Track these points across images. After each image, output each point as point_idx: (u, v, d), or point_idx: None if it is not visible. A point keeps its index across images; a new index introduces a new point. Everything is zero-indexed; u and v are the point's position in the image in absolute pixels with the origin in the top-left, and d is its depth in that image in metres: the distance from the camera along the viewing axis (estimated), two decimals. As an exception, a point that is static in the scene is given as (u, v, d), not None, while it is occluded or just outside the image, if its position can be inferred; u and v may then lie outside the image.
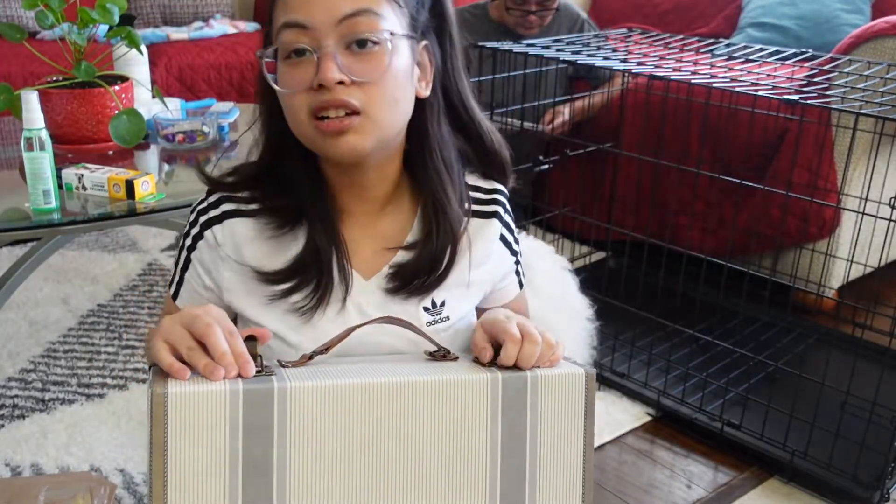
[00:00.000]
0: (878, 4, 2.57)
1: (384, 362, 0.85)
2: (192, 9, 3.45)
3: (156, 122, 1.94)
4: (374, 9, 0.82)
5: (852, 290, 2.27)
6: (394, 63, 0.83)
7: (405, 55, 0.85)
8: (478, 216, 0.97)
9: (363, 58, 0.82)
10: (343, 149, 0.84)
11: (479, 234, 0.96)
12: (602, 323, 2.00)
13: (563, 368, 0.85)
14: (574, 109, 2.55)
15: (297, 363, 0.83)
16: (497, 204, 0.99)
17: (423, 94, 0.90)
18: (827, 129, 2.07)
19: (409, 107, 0.88)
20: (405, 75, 0.85)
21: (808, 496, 1.58)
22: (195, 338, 0.76)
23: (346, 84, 0.82)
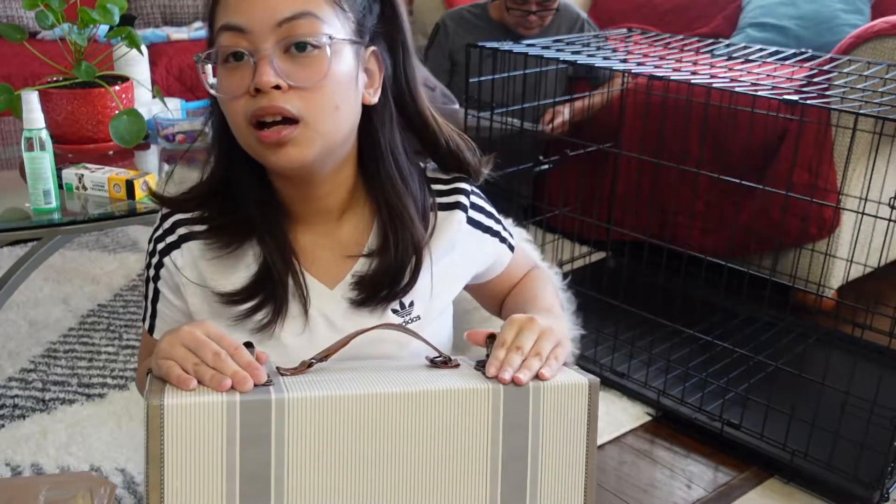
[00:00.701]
0: (878, 4, 2.57)
1: (384, 370, 0.84)
2: (192, 9, 3.45)
3: (156, 122, 1.94)
4: (315, 12, 0.79)
5: (852, 290, 2.27)
6: (334, 68, 0.81)
7: (348, 60, 0.83)
8: (440, 209, 0.95)
9: (302, 62, 0.80)
10: (283, 160, 0.82)
11: (439, 227, 0.94)
12: (602, 323, 2.01)
13: (566, 377, 0.83)
14: (574, 109, 2.55)
15: (295, 371, 0.82)
16: (458, 193, 0.97)
17: (370, 101, 0.87)
18: (827, 130, 2.07)
19: (352, 114, 0.85)
20: (347, 81, 0.83)
21: (808, 496, 1.58)
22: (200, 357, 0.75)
23: (284, 89, 0.79)
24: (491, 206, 1.01)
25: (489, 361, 0.81)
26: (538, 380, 0.81)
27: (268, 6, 0.79)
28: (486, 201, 1.01)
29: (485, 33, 2.62)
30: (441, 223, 0.94)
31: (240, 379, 0.73)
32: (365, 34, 0.86)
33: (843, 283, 2.25)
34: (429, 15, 3.06)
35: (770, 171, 2.17)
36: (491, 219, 1.00)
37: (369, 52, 0.87)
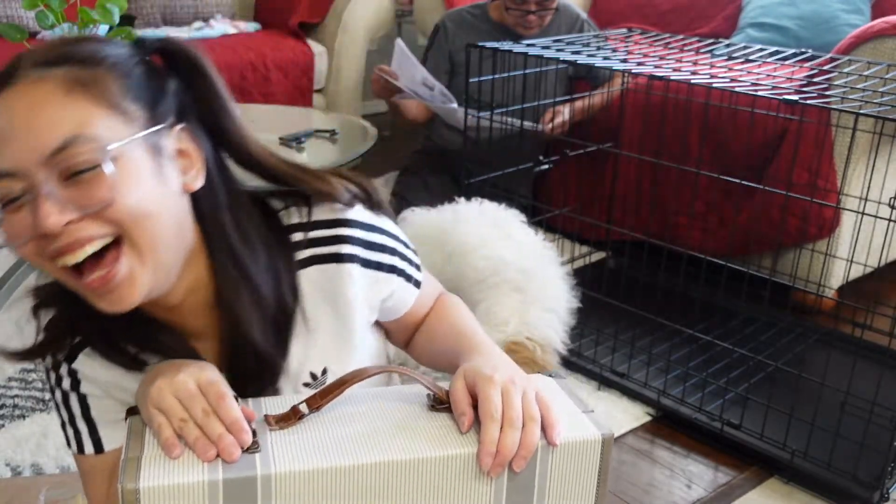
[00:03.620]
0: (878, 4, 2.57)
1: (380, 418, 0.78)
2: (192, 9, 3.46)
3: (156, 122, 1.94)
4: (85, 133, 0.70)
5: (852, 290, 2.27)
6: (125, 178, 0.71)
7: (143, 160, 0.73)
8: (319, 262, 0.85)
9: (86, 185, 0.70)
10: (117, 306, 0.75)
11: (318, 283, 0.85)
12: (602, 323, 2.01)
13: (578, 432, 0.77)
14: (574, 109, 2.56)
15: (285, 421, 0.76)
16: (340, 242, 0.85)
17: (193, 187, 0.78)
18: (827, 129, 2.07)
19: (171, 210, 0.76)
20: (151, 181, 0.73)
21: (808, 496, 1.58)
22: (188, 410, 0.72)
23: (77, 221, 0.70)
24: (393, 237, 0.90)
25: (481, 444, 0.74)
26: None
27: (30, 143, 0.70)
28: (388, 235, 0.89)
29: (484, 34, 2.62)
30: (322, 278, 0.85)
31: (225, 447, 0.70)
32: (164, 117, 0.76)
33: (843, 283, 2.25)
34: (429, 15, 3.06)
35: (770, 171, 2.17)
36: (394, 255, 0.89)
37: (176, 131, 0.77)
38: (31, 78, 0.71)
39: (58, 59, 0.72)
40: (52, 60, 0.72)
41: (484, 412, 0.75)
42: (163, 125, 0.76)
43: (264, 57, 3.04)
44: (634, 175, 2.47)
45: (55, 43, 0.75)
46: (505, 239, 1.88)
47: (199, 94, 0.80)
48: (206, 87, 0.81)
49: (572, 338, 2.04)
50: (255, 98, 3.04)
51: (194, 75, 0.80)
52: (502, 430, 0.74)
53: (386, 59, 4.58)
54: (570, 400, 0.84)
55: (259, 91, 3.05)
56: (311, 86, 3.16)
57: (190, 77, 0.80)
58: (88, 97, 0.71)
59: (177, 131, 0.77)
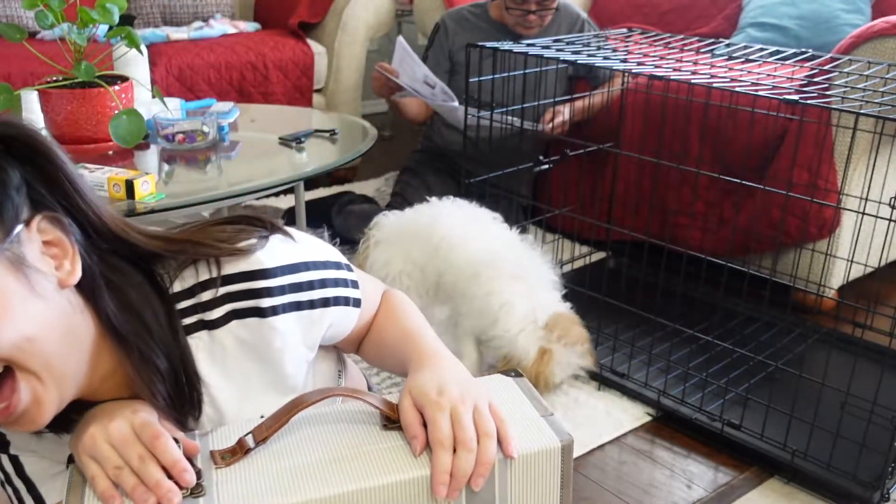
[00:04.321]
0: (878, 4, 2.57)
1: (331, 444, 0.75)
2: (192, 9, 3.45)
3: (156, 122, 1.94)
4: None
5: (852, 290, 2.27)
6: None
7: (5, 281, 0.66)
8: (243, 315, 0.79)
9: None
10: (28, 428, 0.71)
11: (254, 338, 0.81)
12: (602, 323, 2.00)
13: (536, 442, 0.75)
14: (574, 109, 2.56)
15: (231, 457, 0.73)
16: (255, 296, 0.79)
17: (72, 280, 0.71)
18: (827, 129, 2.07)
19: (54, 321, 0.70)
20: (20, 301, 0.67)
21: (808, 496, 1.58)
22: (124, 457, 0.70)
23: None
24: (319, 266, 0.84)
25: (434, 473, 0.72)
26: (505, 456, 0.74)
27: None
28: (312, 267, 0.83)
29: (485, 33, 2.62)
30: (245, 332, 0.80)
31: (163, 494, 0.67)
32: (16, 219, 0.68)
33: (843, 283, 2.25)
34: (429, 15, 3.06)
35: (770, 171, 2.17)
36: (324, 287, 0.84)
37: (35, 225, 0.69)
38: None
39: None
40: None
41: (434, 440, 0.73)
42: (16, 229, 0.67)
43: (264, 57, 3.04)
44: (634, 175, 2.47)
45: None
46: (485, 232, 1.91)
47: (48, 179, 0.72)
48: (52, 170, 0.72)
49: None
50: (254, 98, 3.04)
51: (38, 159, 0.71)
52: (456, 453, 0.73)
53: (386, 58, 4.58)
54: (530, 403, 0.82)
55: (259, 91, 3.05)
56: (310, 85, 3.16)
57: (32, 161, 0.71)
58: None
59: (35, 224, 0.69)
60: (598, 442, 1.73)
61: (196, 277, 0.79)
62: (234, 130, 2.15)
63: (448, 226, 1.90)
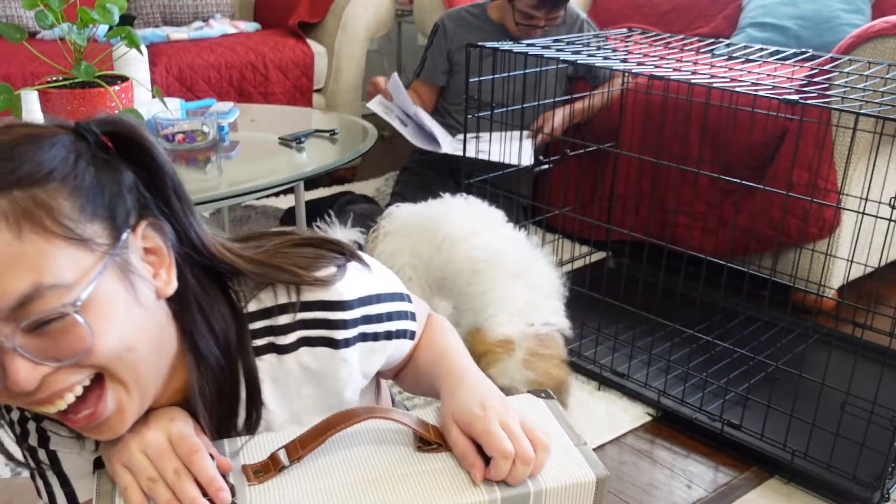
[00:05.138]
0: (878, 4, 2.57)
1: (365, 466, 0.74)
2: (192, 9, 3.45)
3: (156, 122, 1.94)
4: (46, 280, 0.61)
5: (852, 290, 2.27)
6: (100, 318, 0.64)
7: (113, 287, 0.65)
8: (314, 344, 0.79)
9: (57, 335, 0.63)
10: (106, 436, 0.70)
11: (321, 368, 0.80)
12: (602, 323, 2.00)
13: (571, 474, 0.74)
14: (574, 111, 2.56)
15: (264, 473, 0.72)
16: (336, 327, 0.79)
17: (168, 291, 0.71)
18: (827, 129, 2.07)
19: (151, 331, 0.70)
20: (124, 308, 0.66)
21: (808, 496, 1.58)
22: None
23: (52, 372, 0.64)
24: (388, 298, 0.85)
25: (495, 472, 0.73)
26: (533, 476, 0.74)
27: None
28: (384, 299, 0.84)
29: (484, 34, 2.62)
30: (313, 361, 0.80)
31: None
32: (126, 222, 0.68)
33: (843, 283, 2.25)
34: (429, 15, 3.06)
35: (770, 171, 2.17)
36: (391, 320, 0.85)
37: (140, 231, 0.69)
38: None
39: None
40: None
41: (495, 451, 0.73)
42: (126, 232, 0.67)
43: (264, 57, 3.04)
44: (634, 175, 2.47)
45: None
46: (491, 230, 1.90)
47: (154, 182, 0.71)
48: (160, 175, 0.71)
49: (572, 338, 2.04)
50: (254, 98, 3.04)
51: (147, 162, 0.71)
52: (513, 465, 0.72)
53: (386, 58, 4.56)
54: (562, 429, 0.81)
55: (259, 91, 3.05)
56: (310, 85, 3.16)
57: (142, 163, 0.71)
58: (42, 233, 0.61)
59: (141, 230, 0.69)
60: (597, 442, 1.73)
61: (274, 300, 0.78)
62: (234, 130, 2.15)
63: (454, 222, 1.90)
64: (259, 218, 2.90)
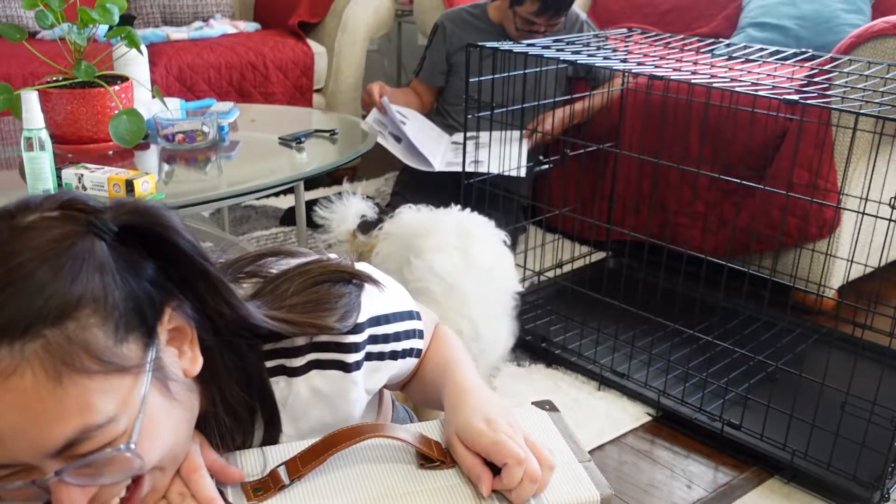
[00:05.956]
0: (878, 4, 2.57)
1: (368, 485, 0.74)
2: (192, 9, 3.45)
3: (156, 122, 1.94)
4: (91, 422, 0.59)
5: (852, 290, 2.27)
6: (144, 438, 0.63)
7: (152, 400, 0.64)
8: (326, 367, 0.80)
9: (105, 463, 0.62)
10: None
11: (331, 390, 0.81)
12: (602, 323, 2.01)
13: (575, 493, 0.74)
14: (574, 111, 2.56)
15: (263, 491, 0.72)
16: (348, 350, 0.79)
17: (194, 371, 0.70)
18: (827, 129, 2.07)
19: (184, 425, 0.70)
20: (164, 415, 0.66)
21: (808, 496, 1.58)
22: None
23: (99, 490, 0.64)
24: (398, 317, 0.85)
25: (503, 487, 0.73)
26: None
27: (26, 445, 0.58)
28: (395, 319, 0.85)
29: (484, 34, 2.62)
30: (324, 384, 0.80)
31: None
32: (154, 321, 0.66)
33: (843, 283, 2.25)
34: (429, 15, 3.06)
35: (770, 171, 2.17)
36: (398, 340, 0.85)
37: (167, 316, 0.67)
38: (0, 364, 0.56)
39: (26, 327, 0.56)
40: (19, 332, 0.56)
41: (506, 458, 0.72)
42: (156, 332, 0.66)
43: (264, 57, 3.04)
44: (634, 175, 2.47)
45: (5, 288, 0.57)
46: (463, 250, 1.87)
47: (178, 268, 0.69)
48: (184, 260, 0.68)
49: (572, 338, 2.04)
50: (255, 98, 3.04)
51: (169, 248, 0.67)
52: (520, 484, 0.72)
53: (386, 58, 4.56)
54: (567, 445, 0.80)
55: (259, 91, 3.05)
56: (310, 85, 3.16)
57: (164, 250, 0.67)
58: (80, 375, 0.58)
59: (167, 317, 0.67)
60: (598, 442, 1.73)
61: None
62: (234, 130, 2.15)
63: (434, 236, 1.88)
64: (259, 218, 2.90)
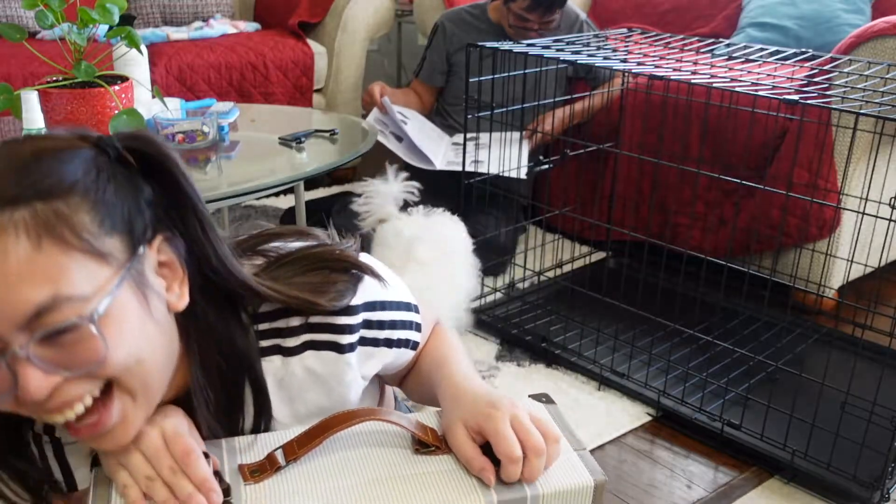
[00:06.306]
0: (878, 4, 2.57)
1: (363, 468, 0.75)
2: (192, 9, 3.45)
3: (156, 122, 1.94)
4: (63, 292, 0.61)
5: (852, 290, 2.27)
6: (114, 330, 0.64)
7: (128, 300, 0.66)
8: (320, 348, 0.81)
9: (71, 346, 0.63)
10: (109, 447, 0.70)
11: (326, 371, 0.82)
12: (602, 323, 2.01)
13: (569, 478, 0.75)
14: (574, 111, 2.56)
15: (259, 473, 0.73)
16: (342, 332, 0.80)
17: (179, 306, 0.72)
18: (827, 129, 2.07)
19: (162, 344, 0.70)
20: (138, 322, 0.67)
21: (808, 496, 1.58)
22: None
23: (63, 382, 0.64)
24: (394, 307, 0.86)
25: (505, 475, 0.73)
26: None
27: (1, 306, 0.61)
28: (391, 307, 0.86)
29: (483, 34, 2.62)
30: (318, 365, 0.81)
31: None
32: (143, 236, 0.68)
33: (843, 283, 2.25)
34: (429, 15, 3.06)
35: (770, 171, 2.17)
36: (393, 328, 0.86)
37: (156, 245, 0.70)
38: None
39: (18, 195, 0.61)
40: (12, 198, 0.61)
41: (505, 455, 0.73)
42: (142, 246, 0.68)
43: (264, 57, 3.04)
44: (634, 175, 2.47)
45: (9, 168, 0.63)
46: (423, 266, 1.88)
47: (173, 200, 0.72)
48: (180, 192, 0.72)
49: (572, 338, 2.04)
50: (255, 98, 3.04)
51: (168, 178, 0.71)
52: (526, 458, 0.73)
53: (386, 58, 4.55)
54: (562, 434, 0.81)
55: (259, 91, 3.05)
56: (310, 85, 3.16)
57: (163, 180, 0.71)
58: (61, 245, 0.62)
59: (157, 244, 0.70)
60: (598, 442, 1.73)
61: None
62: (234, 130, 2.15)
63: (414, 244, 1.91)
64: (259, 218, 2.90)
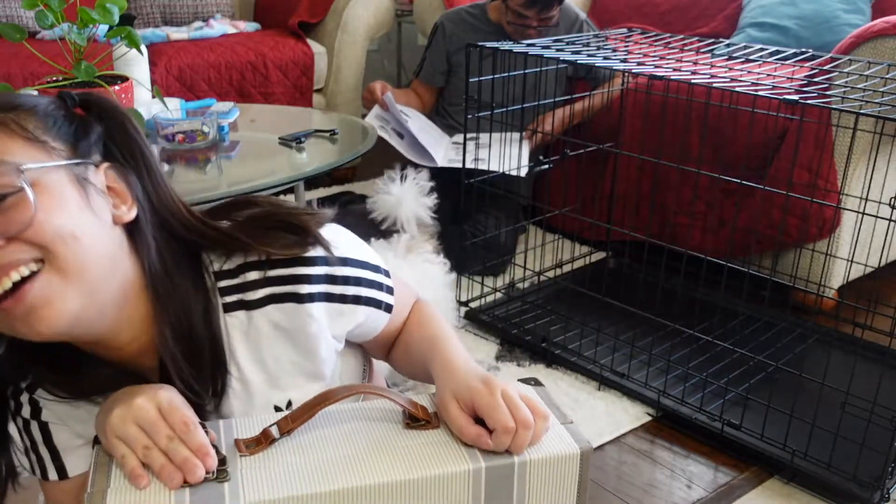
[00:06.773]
0: (878, 4, 2.57)
1: (355, 440, 0.77)
2: (192, 9, 3.45)
3: (156, 122, 1.94)
4: (4, 158, 0.69)
5: (852, 290, 2.27)
6: (47, 200, 0.70)
7: (67, 187, 0.72)
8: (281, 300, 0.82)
9: (6, 210, 0.68)
10: (42, 327, 0.71)
11: (290, 323, 0.83)
12: (602, 323, 2.00)
13: (555, 447, 0.77)
14: (574, 111, 2.56)
15: (255, 446, 0.75)
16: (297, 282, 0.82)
17: (126, 219, 0.77)
18: (827, 129, 2.07)
19: (101, 239, 0.74)
20: (75, 206, 0.72)
21: (808, 496, 1.58)
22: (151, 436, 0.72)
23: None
24: (360, 265, 0.88)
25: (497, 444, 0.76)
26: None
27: None
28: (354, 264, 0.87)
29: (483, 34, 2.62)
30: (282, 317, 0.83)
31: (189, 468, 0.70)
32: (88, 154, 0.76)
33: (843, 283, 2.25)
34: (429, 15, 3.06)
35: (770, 171, 2.17)
36: (359, 285, 0.87)
37: (103, 169, 0.77)
38: None
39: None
40: None
41: (499, 425, 0.76)
42: (87, 160, 0.76)
43: (264, 57, 3.04)
44: (634, 175, 2.47)
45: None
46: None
47: (124, 148, 0.80)
48: (131, 142, 0.80)
49: (572, 338, 2.04)
50: (254, 98, 3.04)
51: (117, 129, 0.80)
52: (515, 432, 0.76)
53: (386, 58, 4.56)
54: (550, 410, 0.83)
55: (259, 91, 3.05)
56: (310, 85, 3.16)
57: (114, 130, 0.80)
58: (7, 132, 0.71)
59: (104, 169, 0.77)
60: (598, 442, 1.73)
61: (244, 258, 0.83)
62: (234, 130, 2.15)
63: None
64: (259, 218, 2.90)
